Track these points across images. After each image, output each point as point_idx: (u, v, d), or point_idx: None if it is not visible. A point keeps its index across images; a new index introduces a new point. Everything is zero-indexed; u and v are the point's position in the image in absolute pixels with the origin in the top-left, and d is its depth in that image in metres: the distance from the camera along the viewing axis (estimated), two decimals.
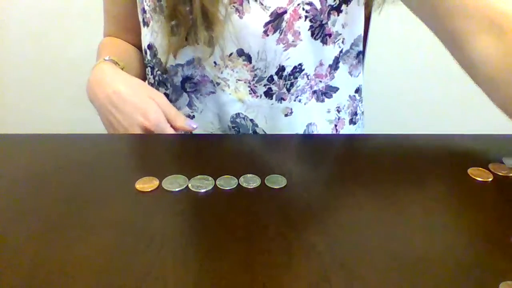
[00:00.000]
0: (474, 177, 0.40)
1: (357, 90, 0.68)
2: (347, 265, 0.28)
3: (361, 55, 0.65)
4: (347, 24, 0.59)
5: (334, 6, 0.56)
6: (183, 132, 0.54)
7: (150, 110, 0.50)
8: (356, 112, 0.69)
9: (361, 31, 0.63)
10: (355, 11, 0.59)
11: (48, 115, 1.48)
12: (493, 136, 0.49)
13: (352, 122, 0.68)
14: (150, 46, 0.61)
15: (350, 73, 0.64)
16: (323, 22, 0.56)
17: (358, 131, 0.69)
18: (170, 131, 0.51)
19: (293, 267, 0.28)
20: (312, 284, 0.26)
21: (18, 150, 0.46)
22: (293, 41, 0.55)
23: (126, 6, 0.66)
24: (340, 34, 0.59)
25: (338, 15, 0.57)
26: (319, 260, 0.28)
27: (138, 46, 0.69)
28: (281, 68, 0.56)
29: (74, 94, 1.48)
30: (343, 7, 0.57)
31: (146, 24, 0.60)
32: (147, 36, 0.61)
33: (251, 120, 0.60)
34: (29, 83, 1.46)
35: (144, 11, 0.59)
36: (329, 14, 0.56)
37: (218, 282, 0.26)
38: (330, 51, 0.59)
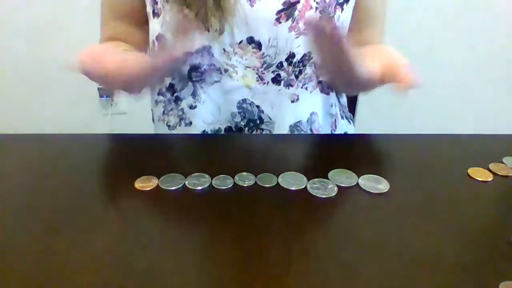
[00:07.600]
0: (474, 177, 0.40)
1: None
2: (347, 265, 0.28)
3: None
4: (343, 23, 0.62)
5: (340, 1, 0.59)
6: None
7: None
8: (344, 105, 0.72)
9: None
10: (349, 11, 0.63)
11: (48, 115, 1.48)
12: (493, 136, 0.49)
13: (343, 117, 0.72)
14: (159, 37, 0.62)
15: None
16: (331, 15, 0.59)
17: (350, 128, 0.72)
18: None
19: (293, 267, 0.28)
20: (312, 284, 0.26)
21: (18, 150, 0.46)
22: (304, 30, 0.57)
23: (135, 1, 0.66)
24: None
25: (341, 11, 0.60)
26: (319, 260, 0.28)
27: (140, 44, 0.69)
28: (291, 55, 0.59)
29: (74, 95, 1.48)
30: (345, 5, 0.60)
31: (156, 15, 0.61)
32: (156, 27, 0.62)
33: (257, 106, 0.62)
34: (29, 83, 1.46)
35: (155, 2, 0.61)
36: (335, 8, 0.59)
37: (218, 282, 0.26)
38: None
